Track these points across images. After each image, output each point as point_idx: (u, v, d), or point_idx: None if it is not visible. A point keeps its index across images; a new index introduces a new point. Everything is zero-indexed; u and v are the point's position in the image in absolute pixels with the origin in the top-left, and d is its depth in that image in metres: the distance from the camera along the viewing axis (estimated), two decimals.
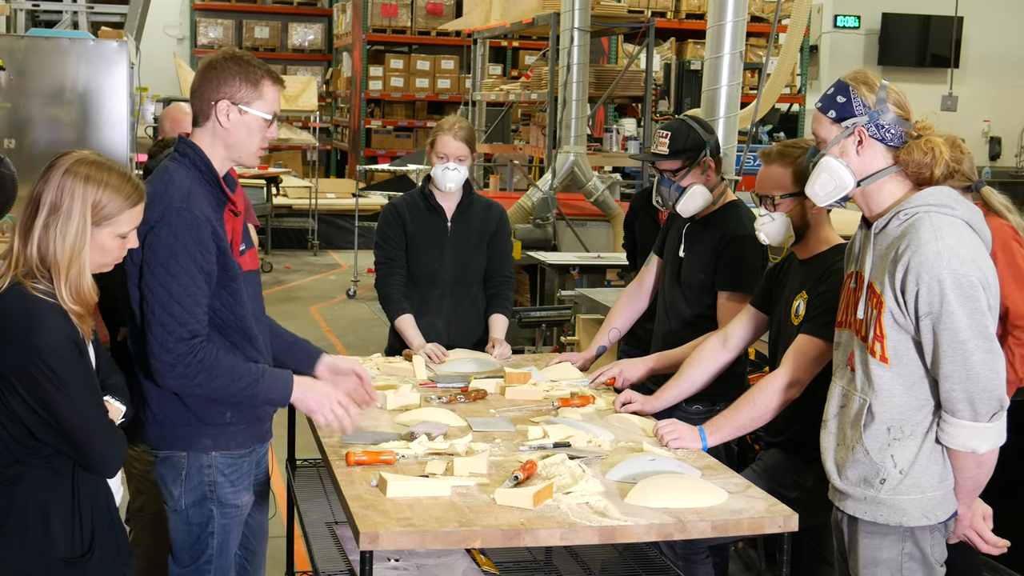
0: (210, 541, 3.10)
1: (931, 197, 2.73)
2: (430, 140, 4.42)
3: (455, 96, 17.16)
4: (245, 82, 3.00)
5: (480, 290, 4.52)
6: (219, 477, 3.08)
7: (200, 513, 3.08)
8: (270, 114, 3.04)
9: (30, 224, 2.64)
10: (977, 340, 2.63)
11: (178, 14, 19.42)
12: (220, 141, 3.03)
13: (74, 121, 8.98)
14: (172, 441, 3.06)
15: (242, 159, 3.07)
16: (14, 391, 2.58)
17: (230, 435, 3.08)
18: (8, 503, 2.62)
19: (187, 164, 3.01)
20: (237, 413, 3.07)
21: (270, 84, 3.03)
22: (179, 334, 2.88)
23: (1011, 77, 17.21)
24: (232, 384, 2.96)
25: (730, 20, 6.10)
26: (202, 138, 3.04)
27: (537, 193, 9.32)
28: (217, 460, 3.08)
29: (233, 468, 3.11)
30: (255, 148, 3.06)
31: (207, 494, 3.08)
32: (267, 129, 3.05)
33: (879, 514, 2.79)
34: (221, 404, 3.03)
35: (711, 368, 3.61)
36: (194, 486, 3.07)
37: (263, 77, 3.02)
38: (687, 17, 13.45)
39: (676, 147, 3.97)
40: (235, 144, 3.03)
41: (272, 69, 3.09)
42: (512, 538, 2.62)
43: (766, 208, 3.41)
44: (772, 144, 3.79)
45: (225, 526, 3.12)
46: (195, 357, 2.89)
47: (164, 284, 2.88)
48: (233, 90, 2.99)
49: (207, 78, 3.01)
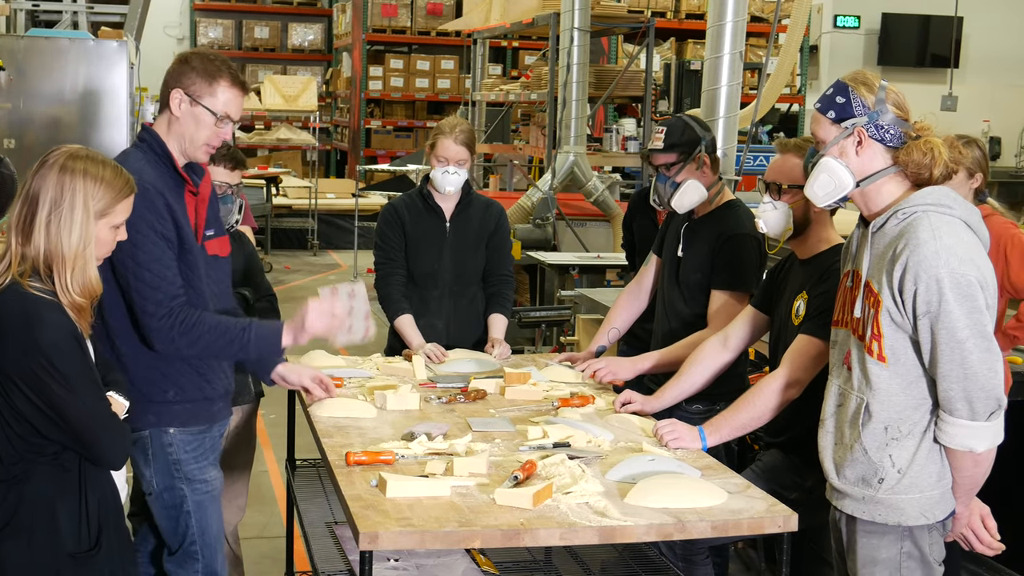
0: (189, 522, 3.22)
1: (929, 197, 2.73)
2: (430, 142, 4.41)
3: (455, 96, 17.16)
4: (201, 76, 3.14)
5: (479, 290, 4.52)
6: (182, 454, 3.20)
7: (173, 495, 3.21)
8: (220, 112, 3.14)
9: (29, 222, 2.66)
10: (975, 339, 2.63)
11: (178, 14, 19.42)
12: (173, 131, 3.18)
13: (74, 121, 8.99)
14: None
15: (190, 153, 3.19)
16: (18, 390, 2.60)
17: (173, 413, 3.19)
18: (16, 500, 2.64)
19: (144, 148, 3.18)
20: (181, 391, 3.18)
21: (227, 84, 3.15)
22: (155, 298, 3.03)
23: (1011, 77, 17.22)
24: (220, 339, 3.10)
25: (730, 20, 6.10)
26: (160, 126, 3.20)
27: (537, 193, 9.32)
28: (176, 438, 3.19)
29: (195, 444, 3.23)
30: (200, 142, 3.17)
31: (174, 472, 3.20)
32: (217, 126, 3.16)
33: (877, 513, 2.79)
34: (165, 381, 3.15)
35: (711, 368, 3.61)
36: (161, 466, 3.20)
37: (222, 76, 3.14)
38: (687, 17, 13.46)
39: (671, 141, 3.98)
40: (182, 134, 3.16)
41: (239, 75, 3.21)
42: (512, 538, 2.62)
43: (771, 196, 3.41)
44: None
45: (199, 503, 3.23)
46: (176, 319, 3.03)
47: (131, 255, 3.01)
48: (188, 82, 3.14)
49: (172, 69, 3.19)
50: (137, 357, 3.12)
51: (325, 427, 3.31)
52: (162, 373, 3.15)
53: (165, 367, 3.15)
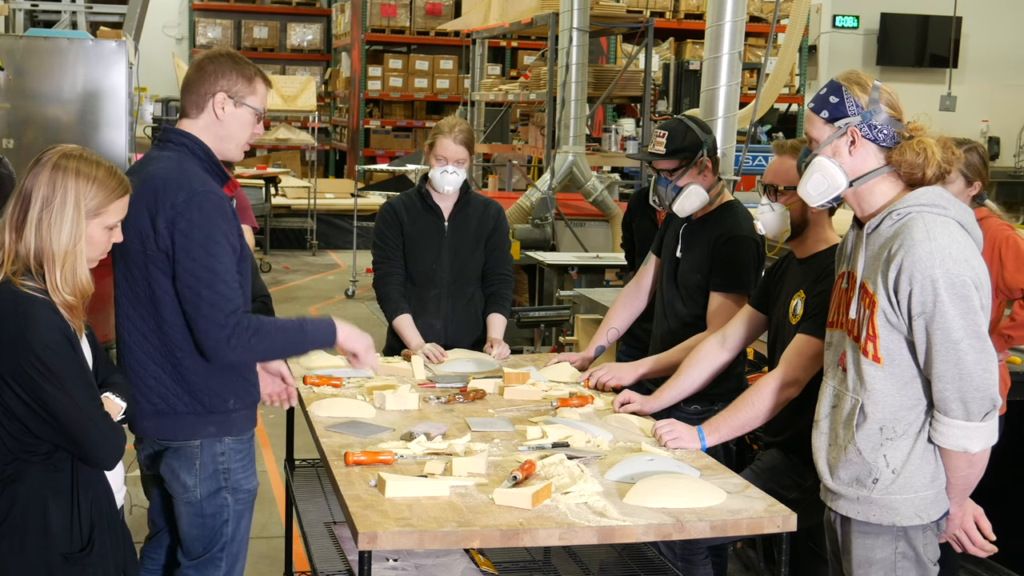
0: (224, 529, 3.17)
1: (923, 197, 2.74)
2: (429, 142, 4.41)
3: (454, 96, 17.16)
4: (241, 77, 3.15)
5: (478, 290, 4.52)
6: (233, 463, 3.16)
7: (214, 503, 3.15)
8: (261, 109, 3.20)
9: (22, 219, 2.67)
10: (970, 340, 2.63)
11: (177, 14, 19.41)
12: (211, 133, 3.16)
13: (73, 121, 8.98)
14: (176, 431, 3.11)
15: (228, 152, 3.20)
16: (9, 389, 2.60)
17: (232, 421, 3.16)
18: (9, 501, 2.64)
19: (186, 153, 3.12)
20: (239, 399, 3.16)
21: (261, 81, 3.22)
22: (227, 309, 2.99)
23: (1009, 77, 17.22)
24: (281, 336, 3.10)
25: (729, 20, 6.10)
26: (194, 129, 3.15)
27: (536, 193, 9.32)
28: (230, 446, 3.15)
29: (243, 453, 3.20)
30: (243, 142, 3.20)
31: (222, 482, 3.15)
32: (256, 125, 3.21)
33: (872, 514, 2.80)
34: (226, 391, 3.12)
35: (709, 368, 3.62)
36: (209, 475, 3.14)
37: (256, 74, 3.19)
38: (686, 17, 13.45)
39: (673, 147, 3.97)
40: (225, 136, 3.16)
41: (261, 68, 3.26)
42: (511, 538, 2.63)
43: (768, 198, 3.42)
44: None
45: (239, 512, 3.20)
46: (243, 326, 3.01)
47: (207, 265, 2.97)
48: (229, 84, 3.14)
49: (205, 72, 3.15)
50: (204, 370, 3.07)
51: (324, 427, 3.32)
52: (223, 383, 3.11)
53: (225, 376, 3.11)
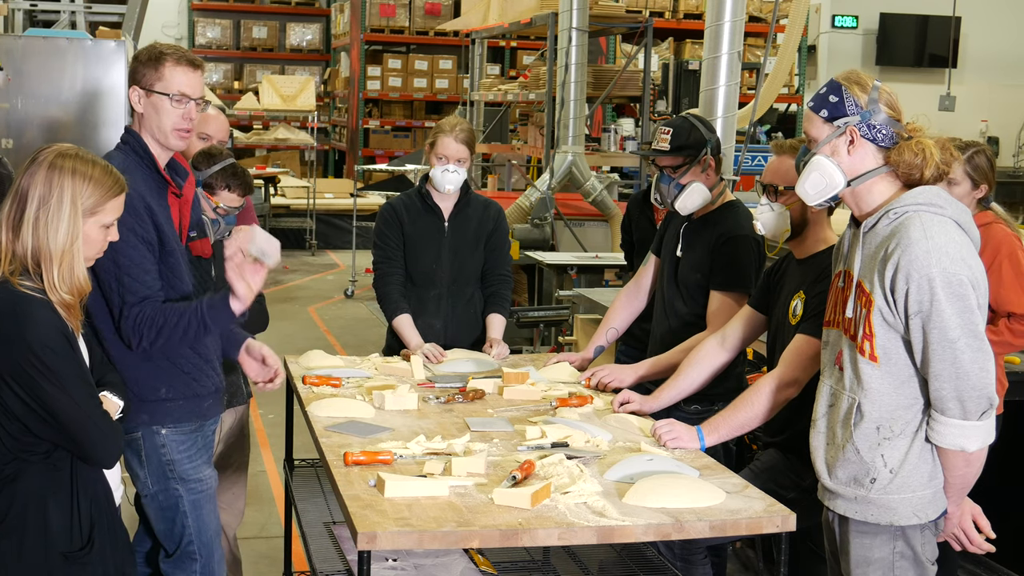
0: (186, 522, 3.24)
1: (920, 196, 2.74)
2: (429, 141, 4.41)
3: (453, 96, 17.16)
4: (147, 66, 3.19)
5: (477, 290, 4.52)
6: (175, 455, 3.22)
7: (168, 495, 3.23)
8: (173, 92, 3.16)
9: (19, 219, 2.68)
10: (967, 339, 2.63)
11: (176, 14, 19.42)
12: (143, 127, 3.22)
13: (72, 121, 8.97)
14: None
15: (166, 142, 3.22)
16: (8, 389, 2.60)
17: (166, 410, 3.20)
18: (9, 500, 2.64)
19: (127, 150, 3.22)
20: (172, 389, 3.19)
21: (171, 63, 3.18)
22: (131, 301, 3.05)
23: (1009, 77, 17.23)
24: (180, 323, 3.07)
25: (728, 20, 6.10)
26: (135, 126, 3.24)
27: (535, 193, 9.32)
28: (169, 438, 3.21)
29: (188, 444, 3.24)
30: (168, 128, 3.19)
31: (168, 473, 3.22)
32: (175, 108, 3.17)
33: (869, 513, 2.80)
34: (156, 380, 3.16)
35: (709, 368, 3.62)
36: (155, 467, 3.22)
37: (164, 58, 3.18)
38: (685, 17, 13.46)
39: (678, 143, 3.96)
40: (151, 127, 3.20)
41: (186, 54, 3.23)
42: (510, 538, 2.62)
43: (768, 198, 3.42)
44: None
45: (195, 502, 3.25)
46: (146, 316, 3.05)
47: (112, 259, 3.01)
48: (138, 76, 3.20)
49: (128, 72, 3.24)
50: (126, 358, 3.13)
51: (324, 427, 3.32)
52: (151, 372, 3.16)
53: (153, 366, 3.16)
